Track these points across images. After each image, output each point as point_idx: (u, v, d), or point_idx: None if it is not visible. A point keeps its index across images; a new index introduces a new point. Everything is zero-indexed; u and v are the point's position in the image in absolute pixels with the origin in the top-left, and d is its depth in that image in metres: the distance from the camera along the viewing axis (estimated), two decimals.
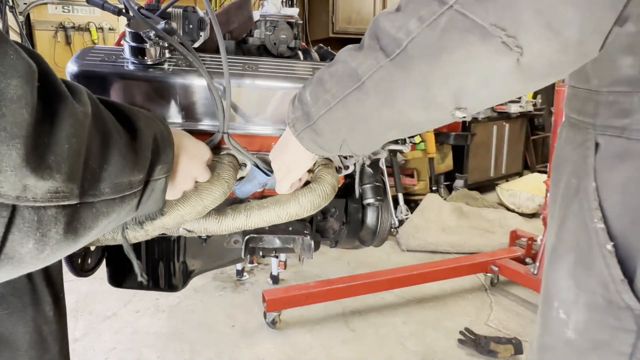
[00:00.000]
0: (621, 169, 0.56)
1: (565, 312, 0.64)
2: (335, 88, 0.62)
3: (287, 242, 1.06)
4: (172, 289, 1.32)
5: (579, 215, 0.61)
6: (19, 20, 3.22)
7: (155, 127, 0.62)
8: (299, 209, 0.84)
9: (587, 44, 0.46)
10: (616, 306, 0.57)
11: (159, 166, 0.62)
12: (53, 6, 5.02)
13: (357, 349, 2.29)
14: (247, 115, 0.88)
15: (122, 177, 0.54)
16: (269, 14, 1.12)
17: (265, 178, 0.89)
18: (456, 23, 0.48)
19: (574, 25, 0.44)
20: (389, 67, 0.55)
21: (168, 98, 0.84)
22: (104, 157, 0.51)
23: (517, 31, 0.46)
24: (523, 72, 0.49)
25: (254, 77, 0.86)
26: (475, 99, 0.54)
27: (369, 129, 0.64)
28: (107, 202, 0.52)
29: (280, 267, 2.96)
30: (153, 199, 0.64)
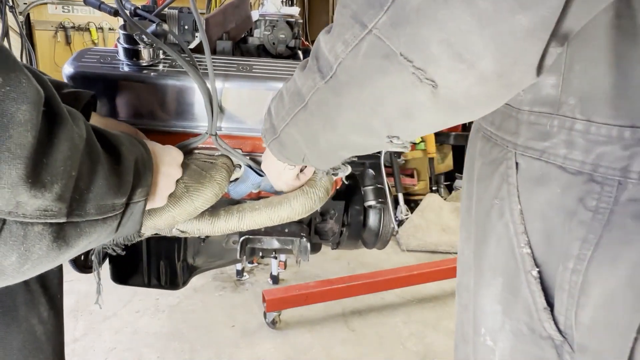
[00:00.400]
0: (540, 193, 0.54)
1: (492, 339, 0.62)
2: (288, 105, 0.61)
3: (286, 243, 1.06)
4: (174, 287, 1.32)
5: (506, 238, 0.58)
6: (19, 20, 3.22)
7: (136, 152, 0.63)
8: (291, 212, 0.83)
9: (511, 75, 0.41)
10: (538, 335, 0.56)
11: (139, 189, 0.63)
12: (53, 6, 5.02)
13: (357, 349, 2.29)
14: (241, 117, 0.88)
15: (107, 199, 0.55)
16: (268, 13, 1.11)
17: (258, 178, 0.88)
18: (375, 49, 0.45)
19: (487, 57, 0.39)
20: (325, 90, 0.53)
21: (162, 99, 0.84)
22: (92, 180, 0.52)
23: (426, 64, 0.42)
24: (444, 105, 0.45)
25: (246, 78, 0.86)
26: (404, 129, 0.51)
27: (320, 148, 0.63)
28: (91, 223, 0.54)
29: (280, 267, 2.96)
30: (132, 221, 0.65)
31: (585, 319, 0.51)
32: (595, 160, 0.48)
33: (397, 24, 0.42)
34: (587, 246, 0.49)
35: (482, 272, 0.64)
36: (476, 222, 0.66)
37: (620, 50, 0.45)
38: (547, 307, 0.54)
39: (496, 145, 0.62)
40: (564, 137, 0.51)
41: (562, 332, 0.54)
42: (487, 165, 0.63)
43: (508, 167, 0.58)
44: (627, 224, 0.46)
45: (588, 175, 0.49)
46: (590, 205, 0.49)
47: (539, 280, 0.55)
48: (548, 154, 0.53)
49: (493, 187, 0.61)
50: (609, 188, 0.47)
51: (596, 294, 0.50)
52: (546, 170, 0.53)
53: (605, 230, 0.48)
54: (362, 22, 0.45)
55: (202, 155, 0.85)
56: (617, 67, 0.46)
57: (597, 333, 0.51)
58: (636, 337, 0.48)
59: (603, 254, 0.48)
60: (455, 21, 0.38)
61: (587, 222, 0.49)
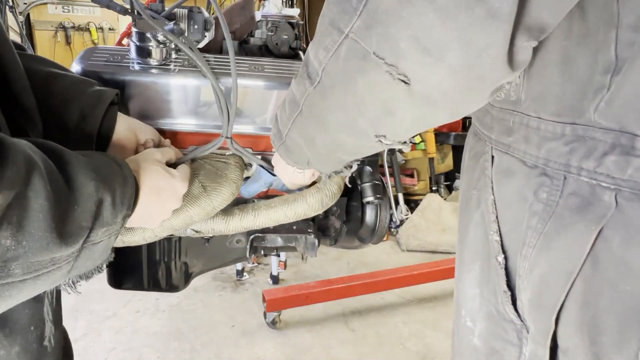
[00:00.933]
0: (508, 184, 0.57)
1: (472, 320, 0.65)
2: (288, 111, 0.64)
3: (290, 240, 1.06)
4: (173, 289, 1.31)
5: (482, 226, 0.62)
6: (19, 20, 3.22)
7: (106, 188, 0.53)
8: (307, 208, 0.84)
9: (479, 67, 0.41)
10: (502, 318, 0.59)
11: (102, 229, 0.54)
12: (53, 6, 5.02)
13: (357, 349, 2.29)
14: (253, 116, 0.88)
15: (42, 254, 0.46)
16: (270, 14, 1.12)
17: (270, 178, 0.90)
18: (353, 52, 0.46)
19: (453, 49, 0.40)
20: (314, 95, 0.56)
21: (173, 99, 0.84)
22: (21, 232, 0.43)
23: (397, 60, 0.43)
24: (420, 100, 0.46)
25: (260, 78, 0.86)
26: (388, 127, 0.52)
27: (318, 151, 0.65)
28: (12, 285, 0.45)
29: (280, 267, 2.96)
30: (92, 260, 0.56)
31: (526, 302, 0.55)
32: (546, 154, 0.51)
33: (370, 25, 0.44)
34: (535, 235, 0.53)
35: (463, 258, 0.67)
36: (460, 212, 0.70)
37: (567, 52, 0.48)
38: (506, 290, 0.58)
39: (480, 139, 0.65)
40: (523, 132, 0.54)
41: (522, 317, 0.57)
42: (471, 158, 0.67)
43: (485, 160, 0.62)
44: (564, 215, 0.50)
45: (541, 169, 0.53)
46: (542, 197, 0.52)
47: (503, 266, 0.58)
48: (513, 148, 0.56)
49: (474, 179, 0.65)
50: (557, 182, 0.51)
51: (533, 277, 0.53)
52: (512, 164, 0.57)
53: (549, 221, 0.51)
54: (339, 28, 0.47)
55: (213, 155, 0.85)
56: (563, 68, 0.49)
57: (533, 315, 0.55)
58: (557, 318, 0.51)
59: (542, 242, 0.52)
60: (419, 17, 0.40)
61: (538, 212, 0.52)
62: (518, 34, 0.40)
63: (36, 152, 0.47)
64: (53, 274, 0.49)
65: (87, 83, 0.76)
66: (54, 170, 0.48)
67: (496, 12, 0.38)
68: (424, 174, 4.18)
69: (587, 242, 0.47)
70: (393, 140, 0.54)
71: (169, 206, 0.71)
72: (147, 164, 0.67)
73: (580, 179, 0.48)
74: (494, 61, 0.41)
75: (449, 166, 4.49)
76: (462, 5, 0.38)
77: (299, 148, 0.68)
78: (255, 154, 0.90)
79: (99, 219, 0.53)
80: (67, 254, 0.49)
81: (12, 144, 0.44)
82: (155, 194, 0.66)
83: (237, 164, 0.85)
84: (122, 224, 0.58)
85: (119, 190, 0.56)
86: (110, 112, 0.76)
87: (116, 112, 0.77)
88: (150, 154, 0.72)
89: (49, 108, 0.70)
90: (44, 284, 0.49)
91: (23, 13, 3.64)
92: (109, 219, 0.54)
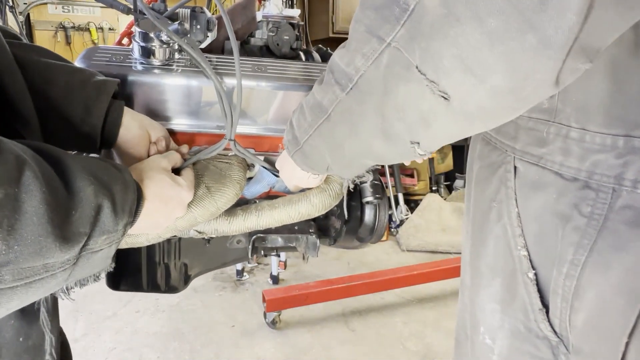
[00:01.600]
0: (537, 197, 0.55)
1: (491, 337, 0.63)
2: (310, 117, 0.63)
3: (290, 240, 1.07)
4: (172, 291, 1.31)
5: (504, 240, 0.60)
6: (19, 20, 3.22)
7: (105, 194, 0.51)
8: (311, 209, 0.85)
9: (522, 90, 0.41)
10: (535, 335, 0.57)
11: (102, 237, 0.51)
12: (53, 6, 5.02)
13: (357, 349, 2.29)
14: (256, 117, 0.88)
15: (35, 260, 0.43)
16: (270, 14, 1.12)
17: (273, 178, 0.90)
18: (396, 61, 0.46)
19: (498, 72, 0.40)
20: (347, 100, 0.55)
21: (175, 99, 0.84)
22: (12, 235, 0.40)
23: (439, 77, 0.43)
24: (458, 116, 0.46)
25: (263, 78, 0.86)
26: (424, 136, 0.52)
27: (344, 156, 0.65)
28: (2, 292, 0.42)
29: (280, 267, 2.96)
30: (90, 267, 0.53)
31: (578, 323, 0.52)
32: (590, 167, 0.49)
33: (414, 37, 0.43)
34: (581, 252, 0.50)
35: (481, 272, 0.65)
36: (473, 223, 0.67)
37: (617, 61, 0.46)
38: (542, 308, 0.56)
39: (495, 148, 0.63)
40: (560, 144, 0.52)
41: (558, 334, 0.55)
42: (485, 168, 0.64)
43: (507, 170, 0.60)
44: (620, 230, 0.47)
45: (583, 182, 0.50)
46: (585, 211, 0.50)
47: (535, 282, 0.56)
48: (545, 159, 0.54)
49: (491, 190, 0.62)
50: (604, 195, 0.49)
51: (589, 298, 0.51)
52: (543, 176, 0.55)
53: (600, 236, 0.49)
54: (379, 36, 0.46)
55: (216, 155, 0.86)
56: (612, 77, 0.47)
57: (591, 337, 0.52)
58: (628, 341, 0.49)
59: (596, 260, 0.49)
60: (466, 38, 0.39)
61: (581, 227, 0.50)
62: (570, 58, 0.38)
63: (30, 153, 0.45)
64: (47, 281, 0.46)
65: (88, 73, 0.75)
66: (50, 173, 0.46)
67: (549, 41, 0.37)
68: (424, 174, 4.18)
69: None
70: (426, 149, 0.54)
71: (175, 214, 0.70)
72: (152, 172, 0.66)
73: (635, 192, 0.47)
74: (539, 84, 0.40)
75: (449, 166, 4.49)
76: (514, 31, 0.37)
77: (319, 154, 0.67)
78: (258, 154, 0.90)
79: (98, 225, 0.50)
80: (62, 260, 0.47)
81: (3, 143, 0.42)
82: (161, 203, 0.65)
83: (240, 164, 0.85)
84: (124, 232, 0.56)
85: (120, 196, 0.54)
86: (116, 105, 0.75)
87: (122, 105, 0.76)
88: (155, 161, 0.70)
89: (51, 101, 0.69)
90: (38, 292, 0.47)
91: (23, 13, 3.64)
92: (110, 226, 0.52)
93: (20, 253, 0.41)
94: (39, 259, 0.43)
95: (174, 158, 0.74)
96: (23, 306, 0.48)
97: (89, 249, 0.50)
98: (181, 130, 0.88)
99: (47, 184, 0.44)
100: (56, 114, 0.70)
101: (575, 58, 0.38)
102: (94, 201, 0.49)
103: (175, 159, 0.75)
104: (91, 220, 0.49)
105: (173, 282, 1.30)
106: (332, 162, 0.67)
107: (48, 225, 0.43)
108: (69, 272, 0.49)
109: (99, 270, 0.58)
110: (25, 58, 0.66)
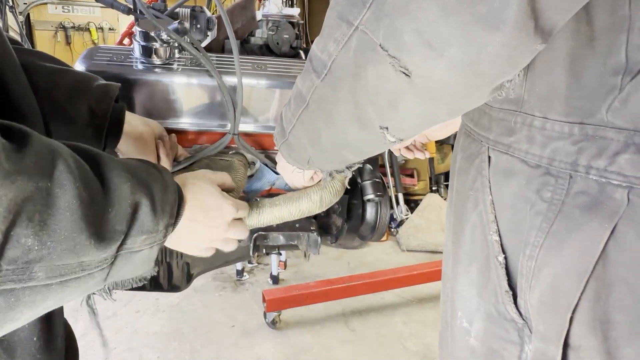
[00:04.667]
0: (507, 185, 0.58)
1: (468, 321, 0.65)
2: (293, 107, 0.64)
3: (292, 238, 1.07)
4: (175, 290, 1.31)
5: (480, 227, 0.62)
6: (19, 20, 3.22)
7: (143, 192, 0.50)
8: (311, 205, 0.85)
9: (479, 64, 0.42)
10: (503, 317, 0.59)
11: (141, 236, 0.50)
12: (53, 6, 5.02)
13: (357, 349, 2.29)
14: (257, 114, 0.89)
15: (69, 257, 0.42)
16: (270, 14, 1.13)
17: (274, 176, 0.90)
18: (364, 43, 0.47)
19: (455, 45, 0.41)
20: (322, 87, 0.56)
21: (177, 98, 0.85)
22: (45, 231, 0.39)
23: (399, 52, 0.44)
24: (422, 94, 0.47)
25: (264, 76, 0.87)
26: (392, 119, 0.53)
27: (323, 148, 0.66)
28: (37, 289, 0.41)
29: (280, 267, 2.96)
30: (131, 268, 0.52)
31: (534, 302, 0.55)
32: (550, 154, 0.51)
33: (379, 18, 0.45)
34: (540, 234, 0.52)
35: (460, 260, 0.67)
36: (454, 214, 0.69)
37: (575, 53, 0.48)
38: (508, 290, 0.58)
39: (474, 140, 0.65)
40: (526, 132, 0.54)
41: (523, 316, 0.57)
42: (465, 159, 0.67)
43: (482, 160, 0.62)
44: (574, 214, 0.50)
45: (545, 168, 0.53)
46: (545, 196, 0.52)
47: (504, 265, 0.58)
48: (513, 148, 0.56)
49: (469, 180, 0.65)
50: (562, 181, 0.51)
51: (543, 277, 0.53)
52: (512, 164, 0.57)
53: (556, 219, 0.51)
54: (348, 21, 0.48)
55: (217, 154, 0.86)
56: (570, 69, 0.49)
57: (543, 315, 0.54)
58: (572, 316, 0.51)
59: (551, 241, 0.52)
60: (424, 11, 0.41)
61: (542, 212, 0.52)
62: (520, 34, 0.40)
63: (65, 149, 0.44)
64: (84, 280, 0.45)
65: (91, 77, 0.76)
66: (86, 169, 0.45)
67: (496, 13, 0.38)
68: (424, 173, 4.18)
69: (601, 240, 0.47)
70: (395, 135, 0.55)
71: (215, 228, 0.65)
72: (196, 180, 0.64)
73: (588, 178, 0.49)
74: (494, 60, 0.42)
75: (449, 166, 4.48)
76: (466, 1, 0.38)
77: (302, 146, 0.68)
78: (259, 152, 0.91)
79: (136, 224, 0.49)
80: (98, 259, 0.45)
81: (36, 136, 0.41)
82: (201, 210, 0.62)
83: (240, 162, 0.85)
84: (166, 234, 0.54)
85: (159, 196, 0.52)
86: (118, 107, 0.76)
87: (124, 107, 0.77)
88: (203, 172, 0.68)
89: (56, 104, 0.70)
90: (75, 292, 0.45)
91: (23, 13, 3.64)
92: (150, 226, 0.50)
93: (53, 249, 0.40)
94: (74, 256, 0.42)
95: (223, 177, 0.71)
96: (57, 307, 0.46)
97: (127, 248, 0.49)
98: (183, 129, 0.88)
99: (81, 179, 0.43)
100: (61, 116, 0.70)
101: (526, 35, 0.40)
102: (130, 198, 0.48)
103: (225, 179, 0.71)
104: (128, 218, 0.48)
105: (175, 281, 1.30)
106: (313, 153, 0.68)
107: (82, 222, 0.42)
108: (106, 271, 0.47)
109: (141, 272, 0.56)
110: (28, 62, 0.66)
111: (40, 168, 0.40)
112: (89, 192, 0.43)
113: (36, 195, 0.39)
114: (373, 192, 1.05)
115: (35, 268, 0.39)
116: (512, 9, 0.37)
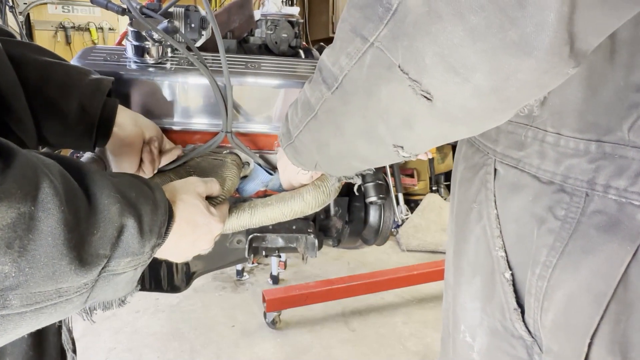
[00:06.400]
0: (515, 200, 0.56)
1: (471, 335, 0.64)
2: (301, 113, 0.64)
3: (291, 241, 1.06)
4: (175, 290, 1.31)
5: (484, 240, 0.60)
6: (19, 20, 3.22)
7: (131, 213, 0.48)
8: (304, 206, 0.84)
9: (505, 90, 0.40)
10: (510, 334, 0.58)
11: (126, 259, 0.48)
12: (53, 6, 5.02)
13: (357, 349, 2.29)
14: (250, 114, 0.88)
15: (46, 284, 0.39)
16: (269, 13, 1.12)
17: (267, 177, 0.89)
18: (379, 61, 0.45)
19: (480, 70, 0.39)
20: (332, 100, 0.55)
21: (170, 97, 0.85)
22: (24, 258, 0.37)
23: (420, 76, 0.42)
24: (441, 117, 0.45)
25: (256, 75, 0.86)
26: (406, 139, 0.51)
27: (331, 155, 0.65)
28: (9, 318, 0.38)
29: (280, 267, 2.96)
30: (114, 290, 0.50)
31: (548, 323, 0.53)
32: (565, 171, 0.50)
33: (397, 36, 0.43)
34: (553, 253, 0.51)
35: (463, 270, 0.66)
36: (456, 223, 0.68)
37: (593, 67, 0.46)
38: (517, 308, 0.56)
39: (478, 150, 0.63)
40: (537, 148, 0.53)
41: (532, 334, 0.56)
42: (468, 169, 0.65)
43: (487, 172, 0.60)
44: (590, 234, 0.48)
45: (559, 185, 0.51)
46: (559, 214, 0.50)
47: (511, 282, 0.56)
48: (523, 162, 0.55)
49: (473, 191, 0.63)
50: (577, 199, 0.49)
51: (557, 299, 0.51)
52: (521, 178, 0.55)
53: (571, 239, 0.49)
54: (362, 36, 0.46)
55: (210, 153, 0.85)
56: (588, 83, 0.47)
57: (558, 336, 0.53)
58: (590, 342, 0.49)
59: (566, 262, 0.50)
60: (447, 35, 0.38)
61: (555, 230, 0.50)
62: (554, 58, 0.37)
63: (55, 167, 0.42)
64: (61, 306, 0.42)
65: (83, 72, 0.75)
66: (73, 189, 0.43)
67: (529, 38, 0.36)
68: (424, 174, 4.18)
69: (622, 262, 0.45)
70: (410, 152, 0.53)
71: (200, 245, 0.66)
72: (187, 196, 0.63)
73: (606, 197, 0.47)
74: (523, 85, 0.39)
75: (449, 166, 4.49)
76: (496, 27, 0.36)
77: (309, 151, 0.67)
78: (254, 152, 0.90)
79: (121, 246, 0.47)
80: (77, 284, 0.43)
81: (21, 154, 0.39)
82: (189, 227, 0.61)
83: (233, 162, 0.85)
84: (151, 255, 0.52)
85: (148, 217, 0.50)
86: (110, 103, 0.75)
87: (116, 103, 0.76)
88: (193, 184, 0.66)
89: (47, 99, 0.69)
90: (51, 317, 0.43)
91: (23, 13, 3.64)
92: (135, 248, 0.48)
93: (31, 276, 0.38)
94: (51, 283, 0.40)
95: (212, 187, 0.70)
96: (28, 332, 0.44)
97: (110, 270, 0.47)
98: (175, 128, 0.88)
99: (67, 201, 0.41)
100: (52, 112, 0.70)
101: (559, 60, 0.37)
102: (117, 221, 0.46)
103: (214, 188, 0.71)
104: (113, 241, 0.46)
105: (176, 281, 1.30)
106: (320, 160, 0.68)
107: (63, 247, 0.40)
108: (86, 295, 0.45)
109: (124, 293, 0.54)
110: (20, 55, 0.66)
111: (24, 191, 0.37)
112: (75, 213, 0.41)
113: (18, 222, 0.36)
114: (376, 194, 1.03)
115: (10, 296, 0.37)
116: (548, 34, 0.35)
